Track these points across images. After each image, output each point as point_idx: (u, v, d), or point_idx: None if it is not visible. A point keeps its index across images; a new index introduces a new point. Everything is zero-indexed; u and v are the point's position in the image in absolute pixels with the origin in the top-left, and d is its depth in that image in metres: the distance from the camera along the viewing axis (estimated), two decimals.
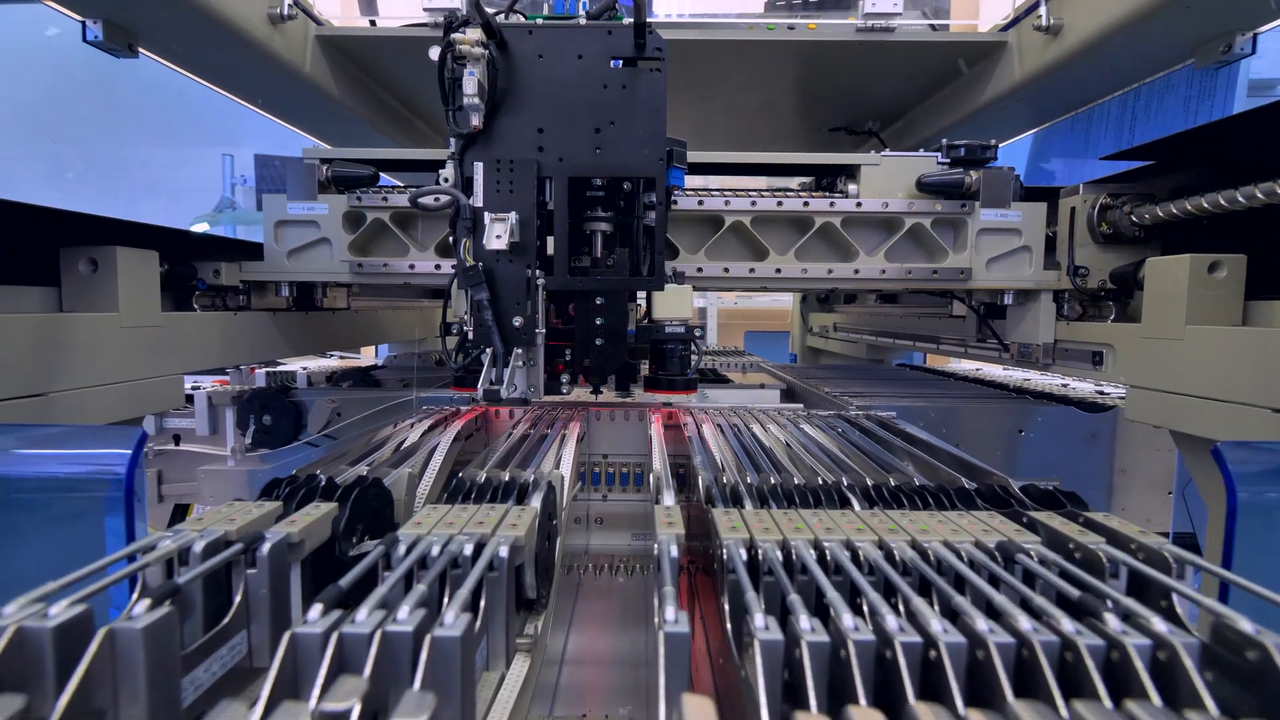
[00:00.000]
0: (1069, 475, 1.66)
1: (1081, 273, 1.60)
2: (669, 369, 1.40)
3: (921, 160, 1.64)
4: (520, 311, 1.23)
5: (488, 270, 1.22)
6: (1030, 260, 1.64)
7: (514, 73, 1.23)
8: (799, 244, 1.65)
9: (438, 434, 1.30)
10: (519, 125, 1.23)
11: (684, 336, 1.38)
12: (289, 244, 1.64)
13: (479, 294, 1.21)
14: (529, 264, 1.23)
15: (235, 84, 1.80)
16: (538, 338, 1.26)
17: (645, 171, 1.27)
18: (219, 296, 1.69)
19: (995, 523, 0.75)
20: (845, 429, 1.36)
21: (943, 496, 0.85)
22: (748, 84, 2.18)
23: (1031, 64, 1.70)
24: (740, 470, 1.06)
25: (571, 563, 1.45)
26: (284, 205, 1.61)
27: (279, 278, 1.66)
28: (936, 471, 1.10)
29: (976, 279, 1.63)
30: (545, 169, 1.24)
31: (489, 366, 1.22)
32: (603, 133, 1.24)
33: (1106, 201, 1.59)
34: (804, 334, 3.92)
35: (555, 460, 1.14)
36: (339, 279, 1.66)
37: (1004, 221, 1.61)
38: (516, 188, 1.23)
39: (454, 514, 0.76)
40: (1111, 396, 1.85)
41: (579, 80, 1.23)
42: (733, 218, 1.64)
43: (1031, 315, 1.70)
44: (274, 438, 1.79)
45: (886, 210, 1.61)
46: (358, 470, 1.02)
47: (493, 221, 1.19)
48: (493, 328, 1.21)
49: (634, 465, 1.55)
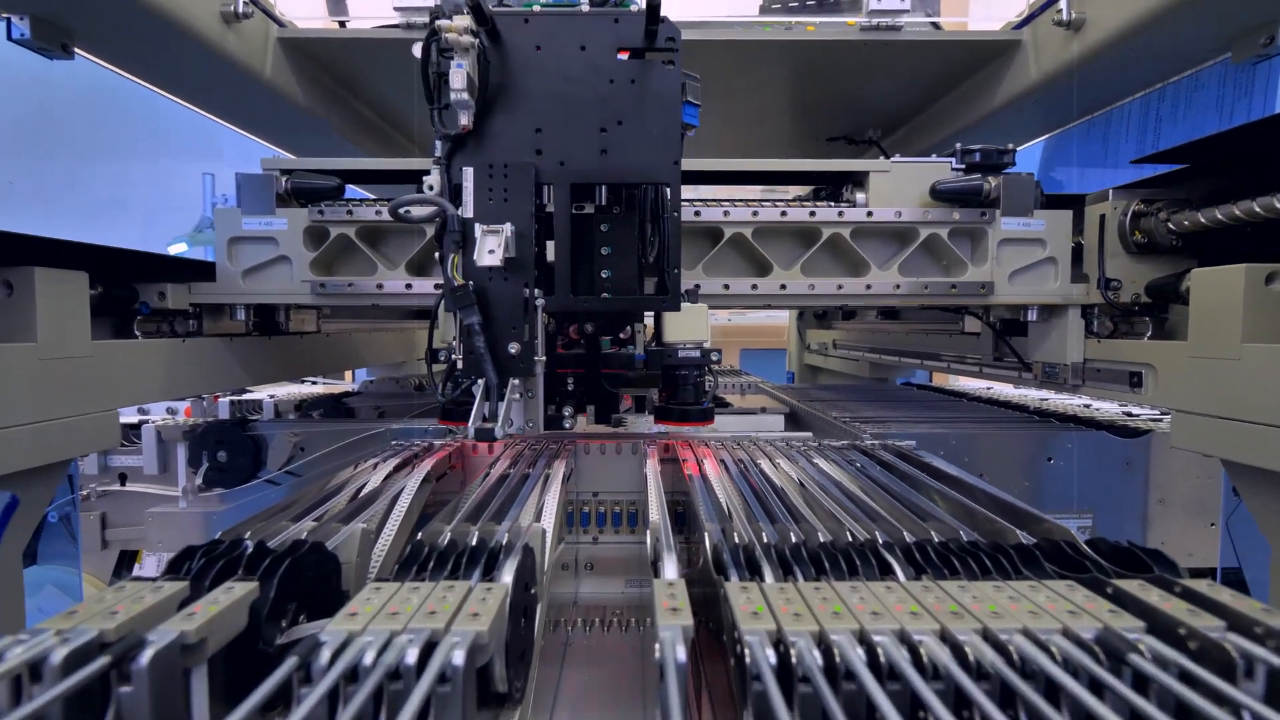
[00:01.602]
0: (1103, 506, 1.52)
1: (1114, 286, 1.47)
2: (681, 397, 1.26)
3: (934, 166, 1.53)
4: (517, 337, 1.09)
5: (479, 290, 1.08)
6: (1056, 273, 1.52)
7: (508, 66, 1.09)
8: (805, 257, 1.53)
9: (404, 476, 1.15)
10: (514, 125, 1.10)
11: (699, 361, 1.23)
12: (244, 262, 1.50)
13: (469, 317, 1.06)
14: (526, 282, 1.08)
15: (186, 89, 1.66)
16: (537, 366, 1.12)
17: (659, 177, 1.13)
18: (165, 321, 1.53)
19: (1078, 598, 0.60)
20: (864, 463, 1.22)
21: (1002, 558, 0.71)
22: (743, 90, 2.07)
23: (1049, 62, 1.59)
24: (751, 519, 0.91)
25: (559, 616, 1.29)
26: (238, 220, 1.47)
27: (233, 299, 1.51)
28: (974, 516, 0.96)
29: (999, 294, 1.50)
30: (544, 174, 1.11)
31: (480, 400, 1.07)
32: (609, 133, 1.11)
33: (1140, 208, 1.47)
34: (801, 351, 3.79)
35: (537, 508, 0.99)
36: (299, 300, 1.50)
37: (1027, 231, 1.50)
38: (512, 195, 1.09)
39: (403, 596, 0.61)
40: (1143, 419, 1.72)
41: (582, 74, 1.10)
42: (733, 229, 1.52)
43: (1058, 332, 1.57)
44: (230, 475, 1.62)
45: (900, 220, 1.50)
46: (300, 528, 0.87)
47: (484, 234, 1.05)
48: (485, 356, 1.07)
49: (627, 504, 1.40)
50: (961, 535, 0.80)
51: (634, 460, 1.38)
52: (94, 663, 0.50)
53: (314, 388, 2.72)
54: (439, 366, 1.19)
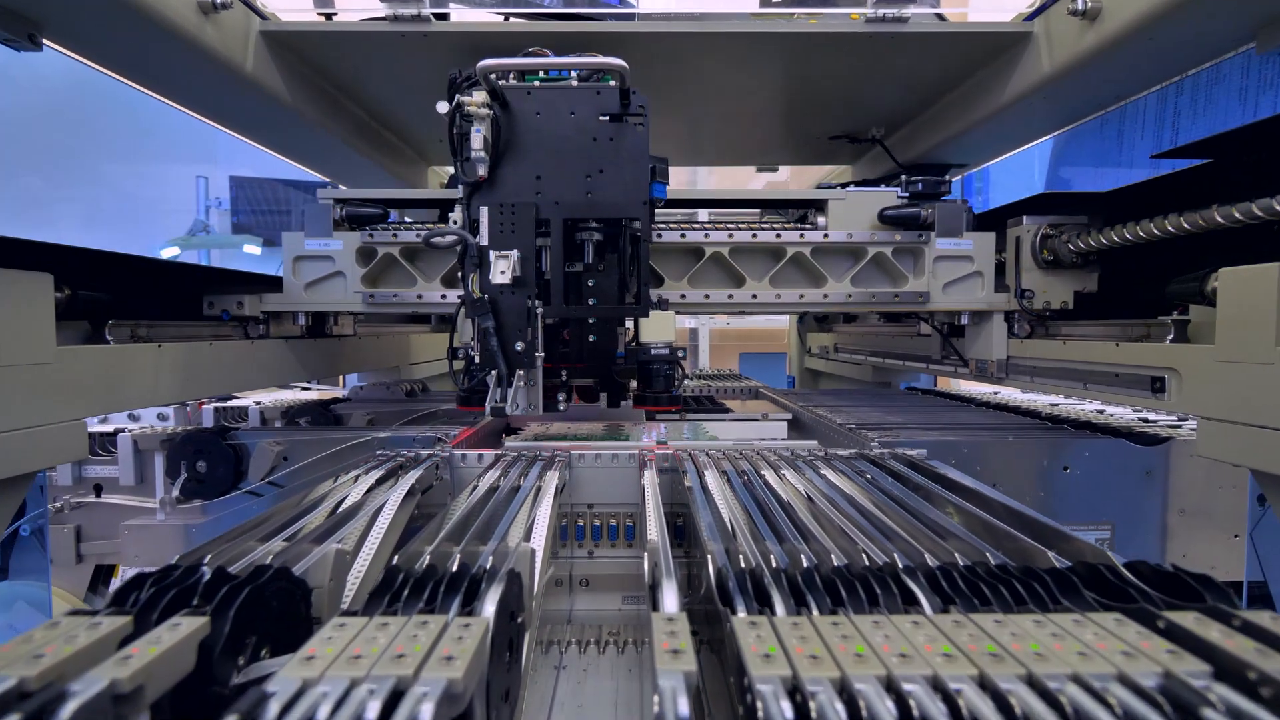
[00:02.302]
0: (1122, 517, 1.46)
1: (1028, 295, 1.74)
2: (655, 387, 1.50)
3: (883, 195, 1.79)
4: (522, 338, 1.36)
5: (493, 301, 1.35)
6: (982, 284, 1.79)
7: (515, 128, 1.36)
8: (773, 271, 1.79)
9: (387, 489, 1.08)
10: (520, 173, 1.37)
11: (668, 358, 1.49)
12: (305, 277, 1.74)
13: (485, 322, 1.34)
14: (529, 295, 1.36)
15: (162, 83, 1.58)
16: (537, 360, 1.36)
17: (630, 212, 1.39)
18: (243, 324, 1.75)
19: (1130, 635, 0.54)
20: (874, 474, 1.15)
21: (1036, 585, 0.64)
22: (740, 88, 2.00)
23: (1063, 55, 1.52)
24: (757, 537, 0.85)
25: (552, 637, 1.22)
26: (301, 241, 1.72)
27: (297, 308, 1.76)
28: (995, 533, 0.89)
29: (934, 302, 1.78)
30: (543, 211, 1.37)
31: (495, 386, 1.34)
32: (593, 179, 1.38)
33: (1048, 231, 1.73)
34: (802, 355, 3.73)
35: (527, 525, 0.92)
36: (353, 308, 1.76)
37: (957, 250, 1.76)
38: (518, 228, 1.36)
39: (369, 634, 0.54)
40: (1160, 425, 1.66)
41: (572, 134, 1.37)
42: (713, 249, 1.77)
43: (985, 334, 1.84)
44: (209, 486, 1.55)
45: (851, 240, 1.77)
46: (269, 549, 0.80)
47: (497, 259, 1.33)
48: (498, 352, 1.34)
49: (624, 516, 1.33)
50: (989, 557, 0.73)
51: (631, 471, 1.32)
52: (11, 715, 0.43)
53: (303, 394, 2.65)
54: (459, 363, 1.50)
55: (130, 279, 1.46)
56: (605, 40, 1.65)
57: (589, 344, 1.43)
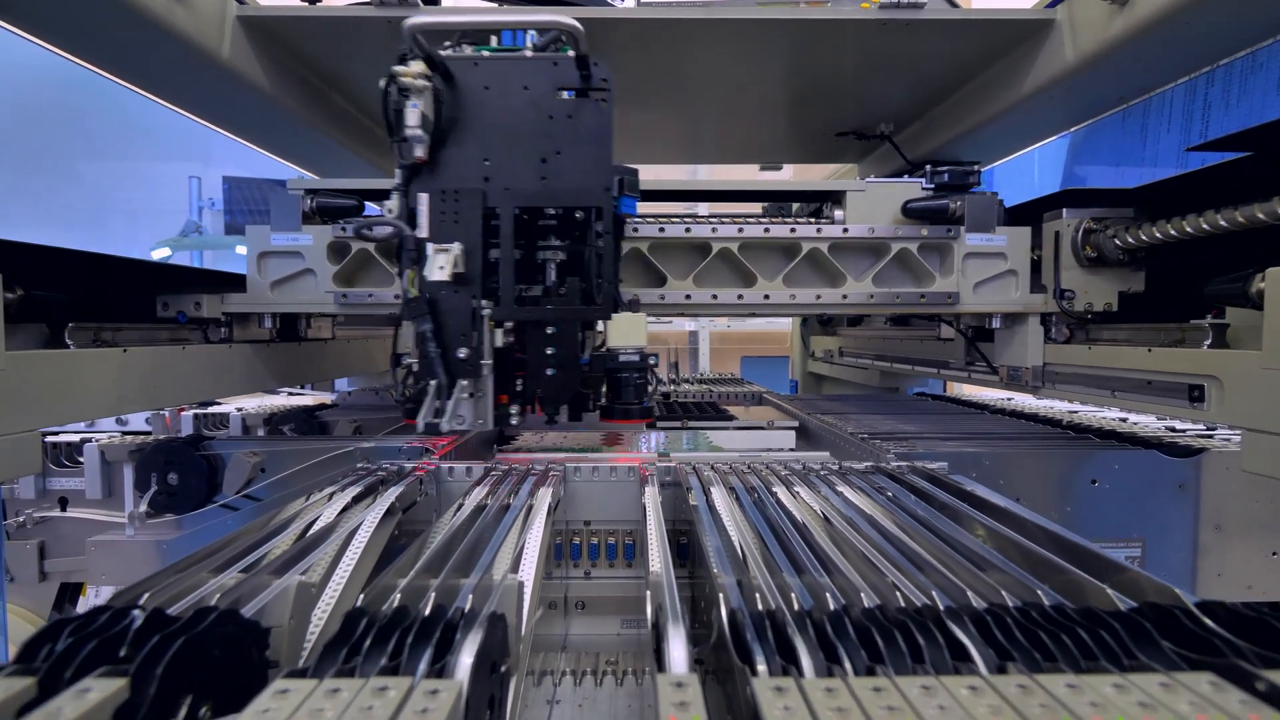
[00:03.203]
0: (1153, 534, 1.37)
1: (1068, 296, 1.58)
2: (624, 398, 1.35)
3: (907, 186, 1.64)
4: (466, 343, 1.19)
5: (432, 301, 1.19)
6: (1016, 284, 1.64)
7: (460, 104, 1.21)
8: (787, 270, 1.64)
9: (364, 508, 0.99)
10: (465, 156, 1.22)
11: (638, 365, 1.34)
12: (272, 275, 1.59)
13: (423, 325, 1.17)
14: (474, 294, 1.20)
15: (128, 69, 1.48)
16: (483, 368, 1.20)
17: (592, 201, 1.24)
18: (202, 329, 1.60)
19: (1231, 704, 0.45)
20: (895, 490, 1.06)
21: (1104, 634, 0.55)
22: (743, 80, 1.91)
23: (1089, 44, 1.44)
24: (772, 568, 0.76)
25: (545, 666, 1.13)
26: (267, 235, 1.57)
27: (263, 309, 1.62)
28: (1034, 561, 0.80)
29: (964, 303, 1.62)
30: (492, 199, 1.22)
31: (431, 398, 1.16)
32: (549, 162, 1.23)
33: (1090, 225, 1.58)
34: (805, 359, 3.64)
35: (515, 552, 0.83)
36: (324, 309, 1.61)
37: (989, 246, 1.61)
38: (462, 218, 1.21)
39: (315, 703, 0.45)
40: (1190, 434, 1.57)
41: (525, 111, 1.22)
42: (720, 244, 1.63)
43: (1019, 338, 1.68)
44: (180, 500, 1.46)
45: (873, 236, 1.61)
46: (220, 583, 0.70)
47: (436, 252, 1.17)
48: (436, 359, 1.17)
49: (623, 533, 1.24)
50: (1041, 596, 0.64)
51: (630, 485, 1.23)
52: None
53: (290, 399, 2.55)
54: (401, 371, 1.29)
55: (80, 277, 1.37)
56: (597, 26, 1.55)
57: (547, 350, 1.25)
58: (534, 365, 1.25)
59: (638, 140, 2.53)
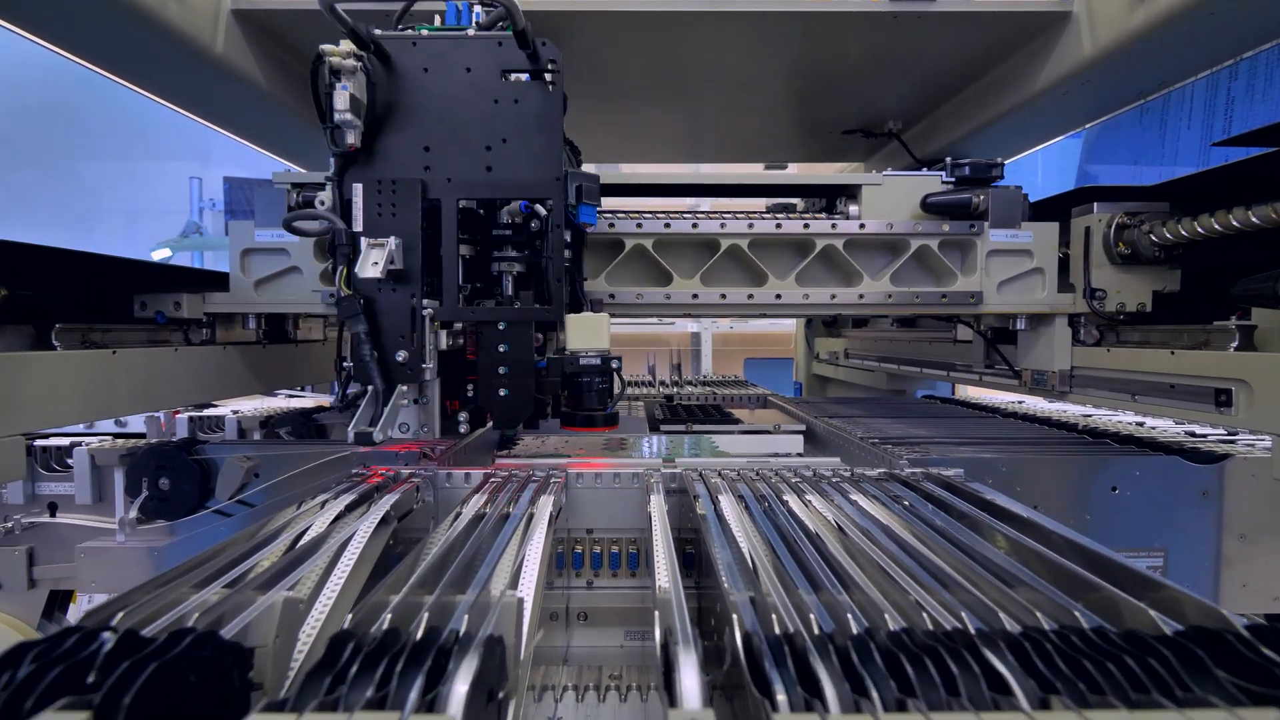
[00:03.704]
0: (1176, 543, 1.32)
1: (1099, 295, 1.50)
2: (586, 404, 1.28)
3: (925, 179, 1.57)
4: (405, 345, 1.13)
5: (366, 300, 1.12)
6: (1043, 283, 1.57)
7: (398, 87, 1.14)
8: (799, 268, 1.57)
9: (358, 517, 0.95)
10: (403, 143, 1.15)
11: (600, 368, 1.27)
12: (257, 273, 1.53)
13: (356, 326, 1.11)
14: (414, 293, 1.13)
15: (119, 64, 1.45)
16: (425, 373, 1.14)
17: (539, 192, 1.17)
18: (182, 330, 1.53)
19: None
20: (911, 499, 1.02)
21: (1153, 661, 0.51)
22: (746, 76, 1.87)
23: (1107, 36, 1.40)
24: (787, 583, 0.72)
25: (546, 681, 1.09)
26: (251, 232, 1.50)
27: (247, 309, 1.55)
28: (1062, 575, 0.76)
29: (988, 303, 1.55)
30: (433, 190, 1.15)
31: (366, 405, 1.11)
32: (494, 151, 1.16)
33: (1124, 220, 1.50)
34: (809, 361, 3.59)
35: (515, 565, 0.79)
36: (310, 310, 1.54)
37: (1014, 243, 1.54)
38: (400, 210, 1.13)
39: None
40: (1211, 439, 1.52)
41: (468, 95, 1.15)
42: (729, 241, 1.57)
43: (1045, 340, 1.61)
44: (172, 505, 1.42)
45: (891, 232, 1.54)
46: (201, 600, 0.66)
47: (369, 248, 1.10)
48: (371, 363, 1.11)
49: (627, 542, 1.20)
50: (1079, 618, 0.60)
51: (634, 492, 1.18)
52: None
53: (292, 401, 2.51)
54: (344, 375, 1.25)
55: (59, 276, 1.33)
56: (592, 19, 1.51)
57: (498, 352, 1.19)
58: (485, 369, 1.20)
59: (638, 138, 2.48)
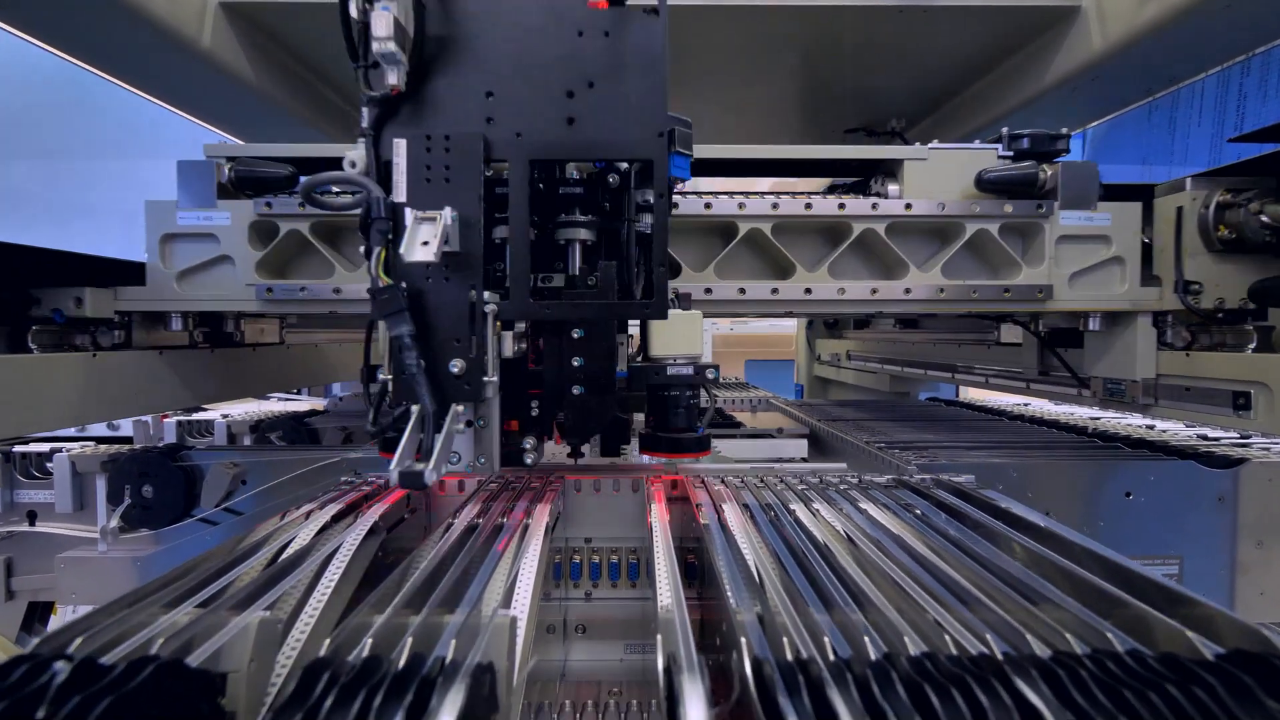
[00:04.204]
0: (1191, 550, 1.28)
1: (1194, 290, 1.28)
2: (673, 423, 1.06)
3: (978, 153, 1.34)
4: (461, 352, 0.88)
5: (413, 294, 0.87)
6: (1123, 275, 1.34)
7: (452, 14, 0.89)
8: (832, 257, 1.34)
9: (344, 529, 0.90)
10: (459, 88, 0.89)
11: (691, 380, 1.04)
12: (180, 263, 1.31)
13: (398, 328, 0.86)
14: (473, 284, 0.88)
15: (102, 57, 1.41)
16: (487, 388, 0.89)
17: (639, 152, 0.92)
18: (87, 333, 1.30)
19: None
20: (923, 507, 0.98)
21: (1198, 690, 0.47)
22: (746, 73, 1.84)
23: (1118, 30, 1.37)
24: (797, 602, 0.67)
25: (543, 697, 1.04)
26: (173, 213, 1.28)
27: (167, 306, 1.31)
28: (1086, 590, 0.72)
29: (1058, 298, 1.33)
30: (498, 148, 0.90)
31: (412, 432, 0.85)
32: (578, 98, 0.90)
33: (1225, 199, 1.27)
34: (811, 363, 3.56)
35: (508, 580, 0.75)
36: (244, 307, 1.30)
37: (1089, 226, 1.32)
38: (455, 175, 0.88)
39: None
40: (1224, 443, 1.48)
41: (544, 26, 0.90)
42: (749, 224, 1.33)
43: (1124, 344, 1.39)
44: (156, 514, 1.38)
45: (943, 214, 1.32)
46: (170, 623, 0.62)
47: (417, 222, 0.85)
48: (419, 376, 0.85)
49: (627, 551, 1.16)
50: (1113, 641, 0.56)
51: (633, 499, 1.14)
52: None
53: (288, 404, 2.47)
54: (375, 387, 0.98)
55: None
56: None
57: (573, 361, 0.97)
58: (555, 381, 0.98)
59: None
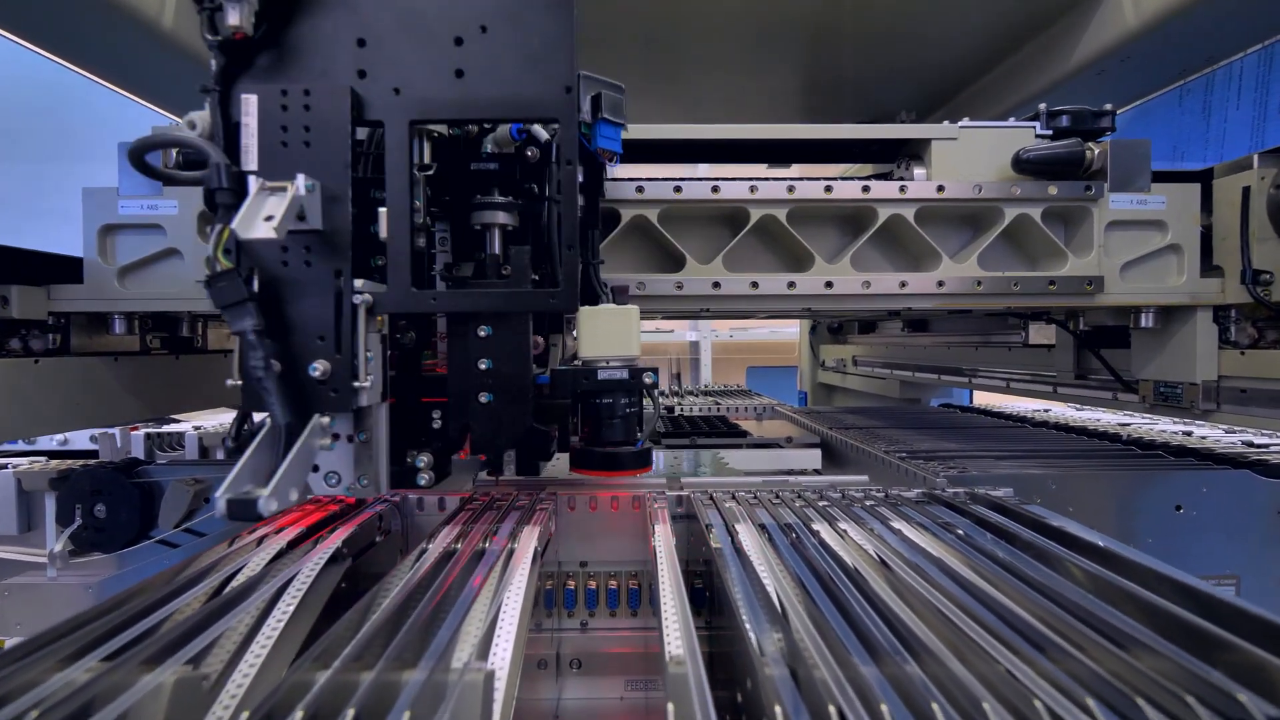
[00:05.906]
0: (1249, 568, 1.17)
1: (1264, 280, 1.15)
2: (607, 435, 0.91)
3: (1014, 132, 1.24)
4: (324, 351, 0.74)
5: (264, 281, 0.74)
6: (1181, 265, 1.21)
7: None
8: (855, 246, 1.22)
9: (301, 556, 0.78)
10: (324, 33, 0.77)
11: (626, 384, 0.89)
12: (122, 258, 1.17)
13: (240, 321, 0.71)
14: (340, 269, 0.74)
15: (50, 39, 1.30)
16: (360, 395, 0.75)
17: (540, 111, 0.79)
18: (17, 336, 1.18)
19: None
20: (966, 526, 0.86)
21: None
22: (745, 57, 1.73)
23: (1152, 6, 1.26)
24: (833, 644, 0.56)
25: None
26: (114, 202, 1.15)
27: (108, 307, 1.18)
28: (1170, 625, 0.60)
29: (1109, 291, 1.19)
30: (372, 107, 0.77)
31: (255, 449, 0.70)
32: (468, 46, 0.77)
33: None
34: (815, 369, 3.45)
35: (487, 621, 0.63)
36: (194, 306, 1.18)
37: (1143, 211, 1.19)
38: (317, 138, 0.75)
39: None
40: (1273, 449, 1.37)
41: None
42: (761, 210, 1.21)
43: (1179, 342, 1.26)
44: (110, 535, 1.25)
45: (980, 196, 1.20)
46: (69, 679, 0.50)
47: (260, 193, 0.70)
48: (269, 380, 0.71)
49: (626, 576, 1.04)
50: (1246, 703, 0.44)
51: (633, 519, 1.02)
52: None
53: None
54: None
55: None
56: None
57: (479, 363, 0.83)
58: (459, 387, 0.84)
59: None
